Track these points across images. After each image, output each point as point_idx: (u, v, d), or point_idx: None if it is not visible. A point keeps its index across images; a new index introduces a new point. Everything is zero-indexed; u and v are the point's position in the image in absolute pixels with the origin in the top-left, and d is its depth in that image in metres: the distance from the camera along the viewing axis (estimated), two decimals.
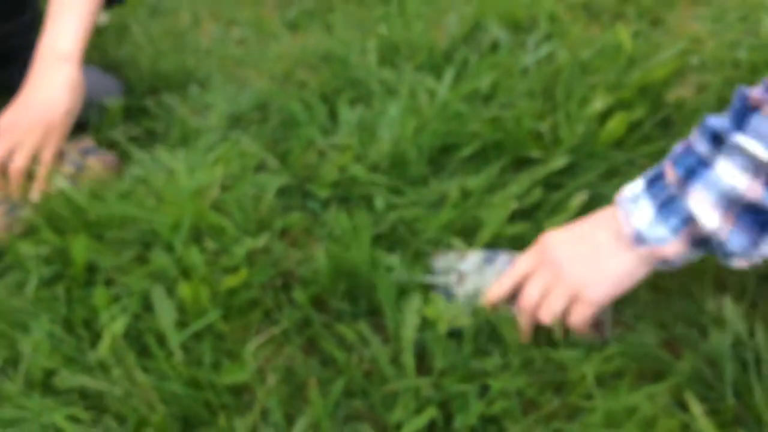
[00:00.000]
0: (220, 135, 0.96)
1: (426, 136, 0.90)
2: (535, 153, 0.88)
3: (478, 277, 0.72)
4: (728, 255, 0.56)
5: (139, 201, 0.82)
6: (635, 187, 0.61)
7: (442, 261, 0.74)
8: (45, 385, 0.69)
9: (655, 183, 0.59)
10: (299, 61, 1.08)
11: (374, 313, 0.75)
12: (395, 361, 0.70)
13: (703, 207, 0.55)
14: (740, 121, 0.53)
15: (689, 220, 0.56)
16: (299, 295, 0.75)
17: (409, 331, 0.70)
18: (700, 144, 0.56)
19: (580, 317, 0.64)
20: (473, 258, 0.73)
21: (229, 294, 0.74)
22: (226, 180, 0.89)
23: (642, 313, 0.72)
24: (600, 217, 0.64)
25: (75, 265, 0.75)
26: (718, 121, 0.55)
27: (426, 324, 0.71)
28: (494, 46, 1.05)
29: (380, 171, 0.89)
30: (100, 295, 0.72)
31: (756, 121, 0.51)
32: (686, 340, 0.71)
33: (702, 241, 0.57)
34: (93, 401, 0.67)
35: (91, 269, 0.77)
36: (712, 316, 0.72)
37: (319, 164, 0.91)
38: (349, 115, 0.95)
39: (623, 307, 0.72)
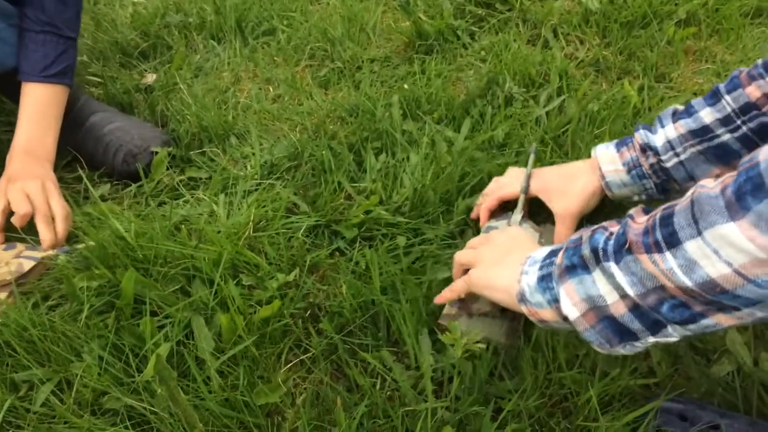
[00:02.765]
0: (256, 182, 1.05)
1: (444, 180, 0.97)
2: None
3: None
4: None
5: (182, 240, 0.91)
6: (543, 251, 0.67)
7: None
8: (95, 405, 0.76)
9: (552, 255, 0.65)
10: (329, 115, 1.17)
11: (395, 343, 0.81)
12: (415, 386, 0.75)
13: (569, 299, 0.60)
14: (618, 252, 0.56)
15: (558, 302, 0.62)
16: (326, 325, 0.82)
17: (427, 358, 0.76)
18: (585, 248, 0.60)
19: (466, 281, 0.75)
20: (516, 216, 0.90)
21: (263, 323, 0.81)
22: (260, 221, 0.97)
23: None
24: (526, 245, 0.73)
25: (124, 297, 0.83)
26: (602, 238, 0.59)
27: (445, 349, 0.76)
28: (508, 100, 1.13)
29: (402, 213, 0.96)
30: (146, 324, 0.80)
31: (629, 260, 0.55)
32: (694, 368, 0.75)
33: (567, 321, 0.62)
34: (139, 420, 0.74)
35: (138, 301, 0.84)
36: (717, 346, 0.76)
37: (346, 207, 0.98)
38: (374, 163, 1.04)
39: None
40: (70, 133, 1.11)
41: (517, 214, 0.89)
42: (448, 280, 0.83)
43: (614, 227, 0.60)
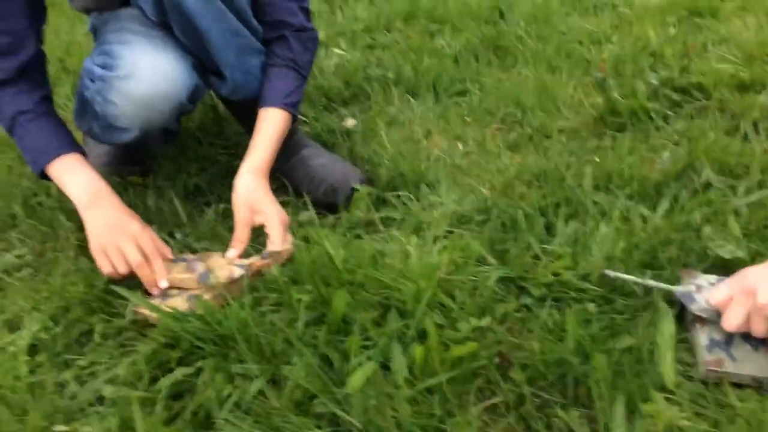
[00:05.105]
0: (445, 229, 1.12)
1: (637, 255, 0.99)
2: None
3: (711, 289, 0.90)
4: None
5: (384, 271, 0.98)
6: None
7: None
8: (304, 406, 0.83)
9: None
10: (517, 177, 1.23)
11: (583, 404, 0.82)
12: None
13: None
14: None
15: None
16: (517, 374, 0.85)
17: (618, 426, 0.77)
18: None
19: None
20: (707, 277, 0.93)
21: (457, 361, 0.86)
22: (449, 267, 1.03)
23: None
24: None
25: (334, 313, 0.91)
26: None
27: (637, 419, 0.77)
28: (705, 187, 1.14)
29: (590, 280, 0.98)
30: (353, 342, 0.87)
31: None
32: None
33: None
34: (341, 429, 0.80)
35: (344, 320, 0.92)
36: None
37: (532, 266, 1.02)
38: (564, 228, 1.07)
39: None
40: (282, 160, 1.24)
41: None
42: (631, 348, 0.86)
43: None
